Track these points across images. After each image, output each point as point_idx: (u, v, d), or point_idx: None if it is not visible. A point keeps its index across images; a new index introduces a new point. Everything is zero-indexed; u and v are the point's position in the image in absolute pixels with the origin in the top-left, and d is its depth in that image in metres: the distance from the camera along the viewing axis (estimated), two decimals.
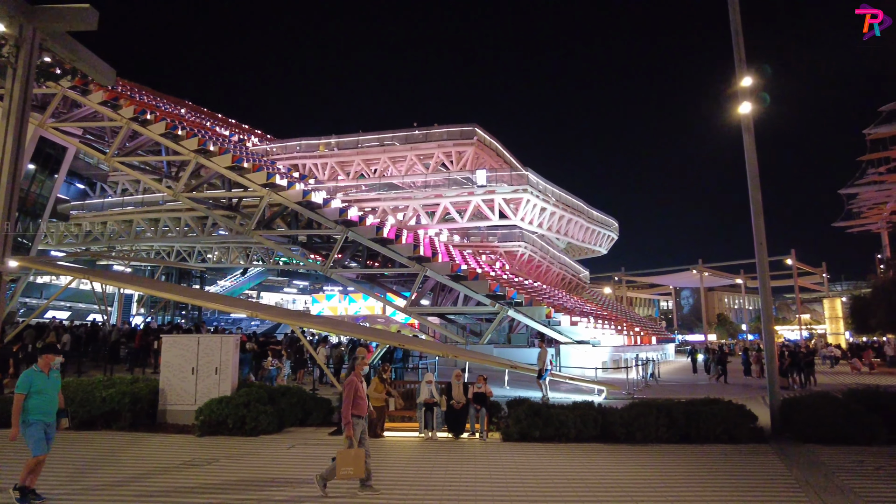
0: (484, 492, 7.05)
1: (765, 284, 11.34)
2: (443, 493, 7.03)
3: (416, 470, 8.31)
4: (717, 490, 7.05)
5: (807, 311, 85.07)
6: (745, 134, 11.22)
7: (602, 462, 8.66)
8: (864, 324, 35.18)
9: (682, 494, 6.89)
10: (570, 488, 7.18)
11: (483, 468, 8.31)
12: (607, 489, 7.12)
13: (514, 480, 7.59)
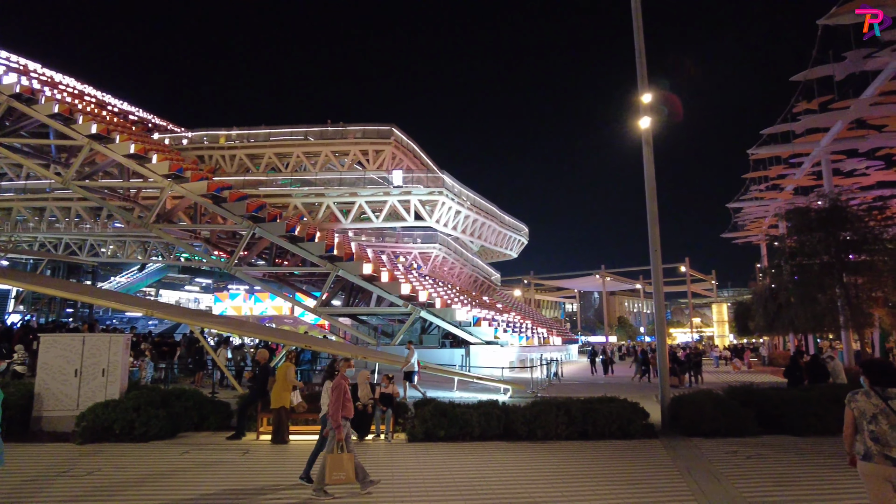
0: (385, 492, 7.00)
1: (658, 289, 12.09)
2: (342, 491, 6.91)
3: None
4: (610, 482, 7.41)
5: (698, 315, 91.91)
6: (645, 147, 11.94)
7: (503, 459, 8.86)
8: (746, 327, 38.46)
9: (577, 488, 7.18)
10: (470, 486, 7.28)
11: (386, 469, 8.25)
12: (507, 485, 7.29)
13: (417, 480, 7.61)
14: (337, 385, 7.14)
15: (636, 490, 7.08)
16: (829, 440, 10.11)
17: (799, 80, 19.73)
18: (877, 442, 4.40)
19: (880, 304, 21.48)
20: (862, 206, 20.49)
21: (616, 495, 6.85)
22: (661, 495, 6.83)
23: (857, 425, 4.59)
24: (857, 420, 4.60)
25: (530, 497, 6.82)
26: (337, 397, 7.00)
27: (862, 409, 4.57)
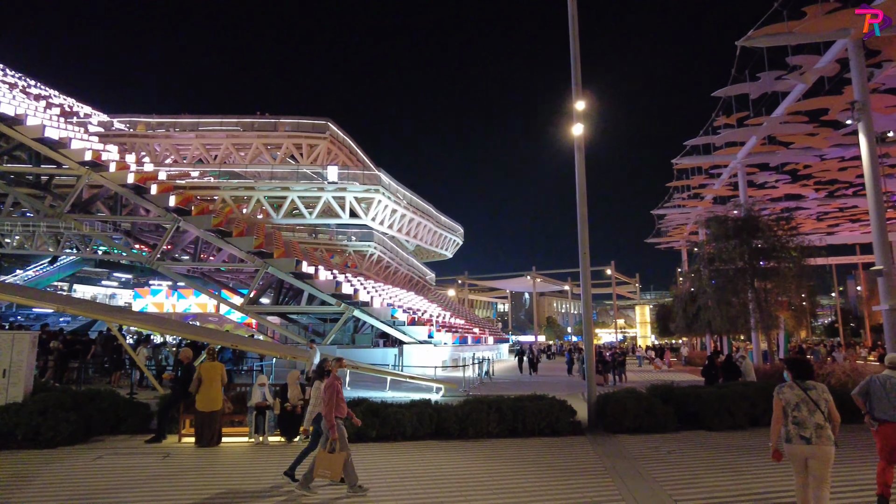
0: (312, 493, 6.86)
1: (586, 291, 12.50)
2: (271, 498, 6.72)
3: (241, 476, 7.84)
4: (538, 479, 7.58)
5: (622, 317, 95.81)
6: (577, 152, 12.31)
7: (435, 458, 8.89)
8: (666, 328, 40.45)
9: (506, 485, 7.30)
10: (402, 485, 7.26)
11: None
12: (439, 484, 7.31)
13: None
14: (330, 384, 7.12)
15: (564, 485, 7.28)
16: (739, 434, 10.78)
17: (720, 96, 20.91)
18: (797, 425, 5.28)
19: (785, 308, 23.16)
20: (771, 217, 22.01)
21: (545, 491, 7.01)
22: (588, 490, 7.05)
23: (784, 412, 5.41)
24: (785, 409, 5.40)
25: (461, 494, 6.88)
26: (330, 397, 7.00)
27: (787, 399, 5.41)
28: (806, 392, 5.36)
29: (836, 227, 40.57)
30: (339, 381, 7.35)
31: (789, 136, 23.84)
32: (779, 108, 21.41)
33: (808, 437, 5.22)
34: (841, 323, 59.80)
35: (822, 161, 26.71)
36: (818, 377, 8.77)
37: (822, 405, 5.31)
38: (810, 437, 5.21)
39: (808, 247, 21.54)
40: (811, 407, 5.29)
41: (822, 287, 53.27)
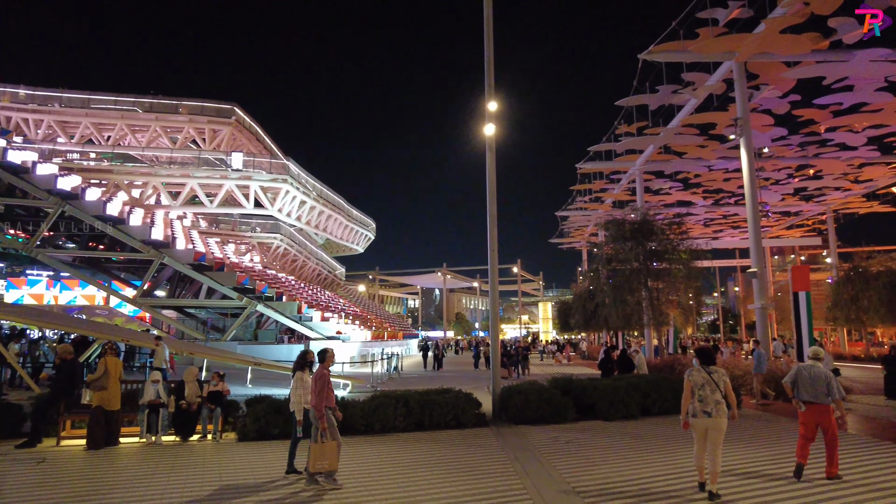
0: (211, 494, 6.54)
1: (494, 287, 12.81)
2: (162, 501, 6.33)
3: (129, 478, 7.32)
4: (444, 470, 7.67)
5: (526, 313, 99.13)
6: (488, 152, 12.56)
7: (341, 454, 8.74)
8: (567, 324, 42.32)
9: (413, 477, 7.32)
10: (303, 482, 7.08)
11: (213, 470, 7.72)
12: (344, 479, 7.20)
13: (248, 480, 7.21)
14: (320, 375, 7.14)
15: (469, 476, 7.41)
16: (632, 423, 11.48)
17: (622, 106, 22.15)
18: (701, 402, 6.43)
19: (675, 306, 24.97)
20: (664, 221, 23.59)
21: (450, 482, 7.11)
22: (491, 479, 7.23)
23: (693, 392, 6.54)
24: (693, 388, 6.54)
25: (366, 489, 6.82)
26: (320, 388, 7.02)
27: (695, 381, 6.56)
28: (710, 375, 6.51)
29: (720, 232, 44.33)
30: (328, 372, 7.33)
31: (682, 147, 25.68)
32: (674, 120, 23.01)
33: (709, 411, 6.35)
34: (722, 320, 65.41)
35: (709, 171, 29.04)
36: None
37: (721, 386, 6.46)
38: (711, 411, 6.34)
39: (695, 250, 23.27)
40: (713, 387, 6.43)
41: (707, 287, 58.05)
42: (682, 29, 17.06)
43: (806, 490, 6.63)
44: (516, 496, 6.54)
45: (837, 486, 6.74)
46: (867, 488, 6.66)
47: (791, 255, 56.42)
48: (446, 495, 6.56)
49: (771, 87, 20.03)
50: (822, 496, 6.40)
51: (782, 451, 8.63)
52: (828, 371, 7.26)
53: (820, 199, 36.10)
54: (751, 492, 6.57)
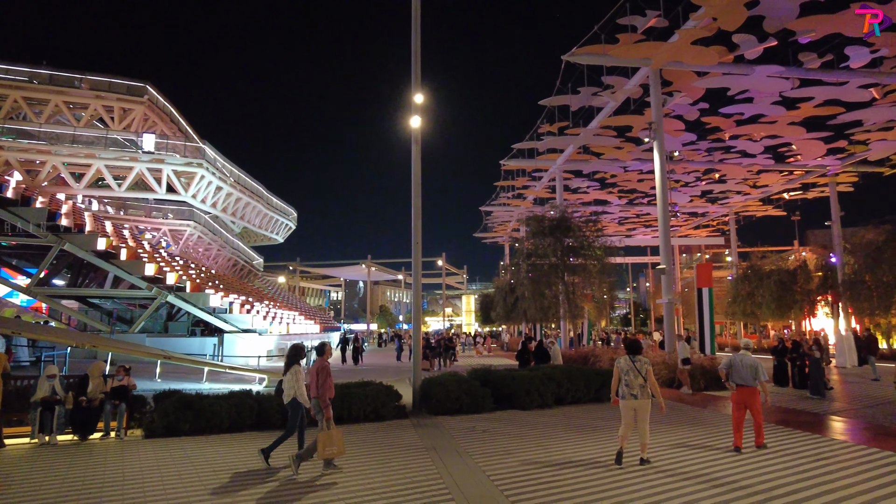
0: (113, 495, 6.18)
1: (417, 280, 12.85)
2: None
3: (17, 482, 6.77)
4: (360, 462, 7.63)
5: (450, 305, 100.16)
6: (414, 145, 12.55)
7: (255, 449, 8.51)
8: (489, 316, 43.17)
9: (328, 471, 7.24)
10: (217, 479, 6.84)
11: (116, 469, 7.29)
12: (255, 475, 7.02)
13: (154, 478, 6.86)
14: (322, 367, 7.52)
15: (386, 467, 7.42)
16: (546, 411, 11.90)
17: (545, 105, 22.74)
18: (627, 386, 7.50)
19: (589, 300, 26.07)
20: (582, 219, 24.54)
21: (366, 473, 7.09)
22: (409, 470, 7.28)
23: (620, 377, 7.60)
24: (620, 374, 7.60)
25: (279, 481, 6.68)
26: (324, 379, 7.43)
27: (622, 367, 7.62)
28: (634, 363, 7.57)
29: (634, 230, 46.63)
30: (328, 364, 7.74)
31: (600, 148, 26.74)
32: (593, 121, 23.91)
33: (635, 394, 7.45)
34: (633, 314, 68.99)
35: (625, 172, 30.43)
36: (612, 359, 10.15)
37: (643, 372, 7.53)
38: (637, 394, 7.45)
39: (610, 247, 24.37)
40: (636, 373, 7.51)
41: (620, 283, 60.94)
42: (604, 34, 17.74)
43: (717, 458, 7.15)
44: (432, 485, 6.62)
45: (744, 457, 7.31)
46: (761, 460, 7.27)
47: (697, 254, 60.32)
48: (362, 487, 6.54)
49: (682, 94, 21.24)
50: (726, 462, 6.92)
51: (700, 432, 9.26)
52: (755, 359, 8.51)
53: (723, 201, 38.77)
54: (671, 459, 7.01)
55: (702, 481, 6.61)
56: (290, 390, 7.58)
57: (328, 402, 7.43)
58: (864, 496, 5.99)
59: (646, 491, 6.28)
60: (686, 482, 6.59)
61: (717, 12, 15.84)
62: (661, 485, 6.51)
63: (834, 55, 18.63)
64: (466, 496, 6.14)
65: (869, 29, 13.38)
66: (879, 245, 27.43)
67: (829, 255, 33.23)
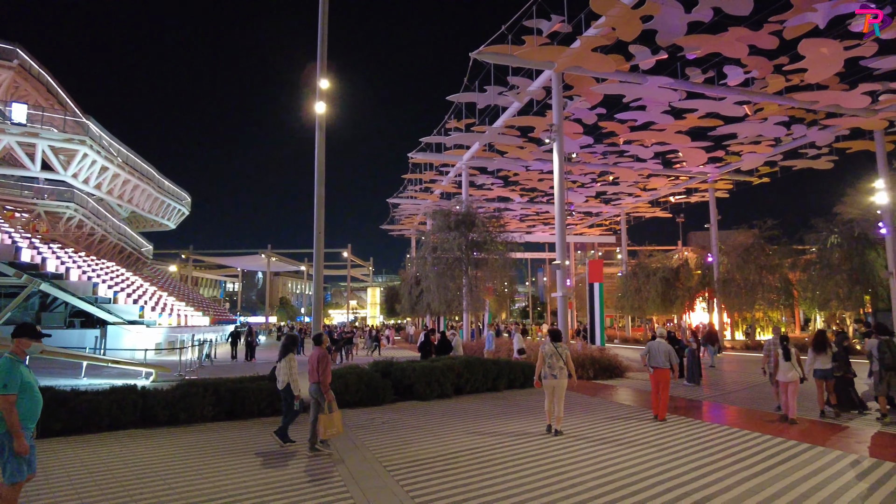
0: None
1: (318, 270, 12.56)
2: None
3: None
4: (252, 459, 7.38)
5: (355, 298, 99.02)
6: (318, 131, 12.24)
7: (138, 448, 8.00)
8: (394, 309, 43.19)
9: (220, 467, 6.94)
10: (93, 482, 6.34)
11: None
12: (138, 475, 6.59)
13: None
14: (324, 355, 8.09)
15: (280, 462, 7.25)
16: (446, 402, 12.13)
17: (453, 101, 23.01)
18: (549, 367, 8.85)
19: (491, 293, 26.81)
20: (486, 215, 25.17)
21: (259, 470, 6.88)
22: (302, 465, 7.15)
23: (544, 360, 8.90)
24: (545, 358, 8.88)
25: (166, 483, 6.32)
26: (325, 366, 8.01)
27: (546, 352, 8.92)
28: (556, 349, 8.91)
29: (534, 227, 48.41)
30: (327, 353, 8.35)
31: (504, 146, 27.49)
32: (499, 120, 24.52)
33: (556, 374, 8.80)
34: (531, 307, 71.68)
35: (527, 171, 31.51)
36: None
37: (563, 356, 8.89)
38: (557, 374, 8.79)
39: (511, 242, 25.18)
40: (557, 357, 8.86)
41: (520, 277, 63.21)
42: (511, 34, 18.20)
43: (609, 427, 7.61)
44: (326, 478, 6.55)
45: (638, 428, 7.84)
46: (636, 436, 7.85)
47: (591, 251, 63.66)
48: (255, 483, 6.34)
49: (582, 98, 22.31)
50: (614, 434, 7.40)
51: (595, 415, 9.81)
52: (668, 346, 10.13)
53: (616, 202, 41.25)
54: (580, 429, 7.37)
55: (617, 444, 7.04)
56: (285, 377, 8.26)
57: (328, 388, 7.94)
58: (722, 455, 6.66)
59: (535, 478, 6.58)
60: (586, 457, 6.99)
61: (616, 23, 16.76)
62: (556, 469, 6.85)
63: (715, 72, 20.36)
64: (363, 489, 6.13)
65: (869, 29, 13.11)
66: (748, 247, 30.45)
67: (707, 256, 36.40)
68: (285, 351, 8.39)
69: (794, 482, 6.23)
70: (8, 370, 4.45)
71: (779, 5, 16.02)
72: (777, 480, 6.32)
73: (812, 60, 18.32)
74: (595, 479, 6.38)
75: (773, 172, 31.33)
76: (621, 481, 6.30)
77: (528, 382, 14.55)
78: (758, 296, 29.65)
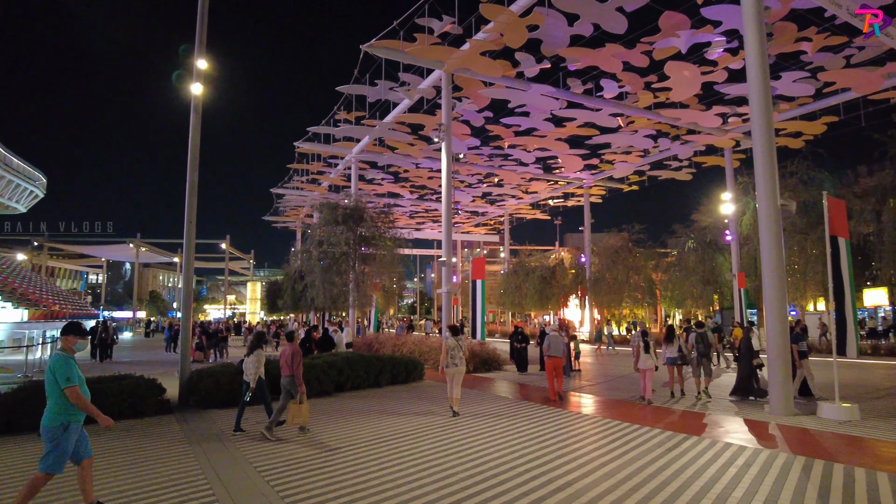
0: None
1: (189, 262, 11.80)
2: None
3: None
4: (109, 463, 6.78)
5: (234, 293, 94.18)
6: (193, 114, 11.48)
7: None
8: (276, 305, 41.53)
9: (68, 472, 6.29)
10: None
11: None
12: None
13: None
14: (297, 350, 8.70)
15: (140, 465, 6.72)
16: (326, 399, 11.87)
17: (343, 92, 22.57)
18: (452, 357, 10.12)
19: (378, 289, 26.69)
20: (375, 210, 25.01)
21: (114, 474, 6.34)
22: (166, 467, 6.68)
23: (447, 351, 10.12)
24: (448, 349, 10.11)
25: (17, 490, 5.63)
26: (299, 361, 8.62)
27: (450, 345, 10.17)
28: (458, 341, 10.27)
29: (423, 224, 48.90)
30: (299, 348, 9.02)
31: (395, 142, 27.48)
32: (389, 115, 24.47)
33: (457, 363, 10.12)
34: (419, 303, 72.37)
35: (417, 168, 31.75)
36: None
37: (463, 347, 10.32)
38: (458, 363, 10.13)
39: (400, 238, 25.24)
40: (458, 349, 10.20)
41: (409, 273, 63.58)
42: (403, 30, 18.19)
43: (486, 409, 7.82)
44: (192, 481, 6.19)
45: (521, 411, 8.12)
46: (507, 420, 8.19)
47: (477, 249, 65.53)
48: (109, 491, 5.83)
49: (470, 100, 22.85)
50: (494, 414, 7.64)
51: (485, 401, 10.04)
52: (564, 338, 12.35)
53: (500, 203, 42.79)
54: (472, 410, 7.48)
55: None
56: (253, 371, 8.79)
57: (302, 380, 8.59)
58: (581, 434, 7.16)
59: (403, 473, 6.66)
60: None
61: (504, 29, 17.34)
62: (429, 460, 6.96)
63: (593, 85, 21.76)
64: (230, 490, 5.85)
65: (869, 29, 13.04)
66: (617, 249, 32.90)
67: (581, 256, 38.85)
68: (254, 347, 8.97)
69: (647, 463, 6.82)
70: (67, 365, 5.03)
71: (650, 28, 17.47)
72: (618, 459, 6.88)
73: (676, 81, 20.17)
74: (466, 471, 6.56)
75: (642, 181, 34.13)
76: (489, 472, 6.55)
77: (409, 377, 14.68)
78: (625, 294, 32.17)
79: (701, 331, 12.37)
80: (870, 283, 27.80)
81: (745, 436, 8.24)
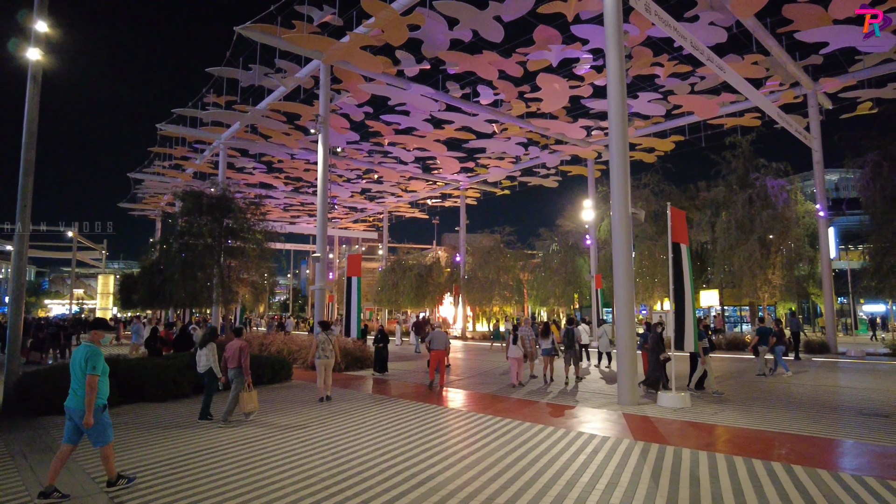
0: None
1: (22, 248, 10.41)
2: None
3: None
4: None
5: (82, 286, 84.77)
6: (30, 83, 10.11)
7: None
8: (130, 300, 37.96)
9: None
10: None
11: None
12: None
13: None
14: (244, 346, 9.42)
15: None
16: (183, 402, 11.10)
17: (213, 74, 21.17)
18: (322, 350, 11.23)
19: (246, 284, 25.36)
20: (245, 200, 23.69)
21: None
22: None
23: (318, 345, 11.31)
24: (318, 343, 11.31)
25: None
26: (246, 355, 9.38)
27: (320, 339, 11.33)
28: (328, 335, 11.44)
29: (298, 218, 47.35)
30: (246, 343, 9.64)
31: (269, 131, 26.30)
32: (263, 101, 23.38)
33: (327, 355, 11.26)
34: (292, 299, 70.01)
35: (292, 159, 30.65)
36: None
37: (333, 342, 11.47)
38: (328, 355, 11.28)
39: (272, 232, 24.17)
40: (328, 342, 11.37)
41: (281, 269, 61.21)
42: (281, 16, 17.46)
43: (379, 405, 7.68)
44: (12, 495, 5.47)
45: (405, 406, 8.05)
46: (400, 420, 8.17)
47: (355, 246, 64.79)
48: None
49: (350, 94, 22.50)
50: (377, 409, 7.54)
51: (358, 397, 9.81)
52: (447, 333, 13.46)
53: (380, 200, 42.65)
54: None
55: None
56: (207, 362, 9.46)
57: (248, 371, 9.35)
58: (450, 422, 7.35)
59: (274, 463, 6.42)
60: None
61: (385, 25, 17.28)
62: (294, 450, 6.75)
63: (471, 90, 22.40)
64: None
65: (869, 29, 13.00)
66: (489, 250, 34.20)
67: (456, 255, 39.86)
68: (207, 340, 9.60)
69: (506, 454, 7.14)
70: (97, 356, 5.75)
71: (525, 39, 18.34)
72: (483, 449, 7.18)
73: (546, 92, 21.37)
74: (328, 470, 6.46)
75: (513, 186, 35.79)
76: (352, 470, 6.50)
77: (276, 377, 14.16)
78: (495, 292, 33.53)
79: (570, 327, 14.27)
80: (705, 285, 31.38)
81: (597, 425, 8.94)
